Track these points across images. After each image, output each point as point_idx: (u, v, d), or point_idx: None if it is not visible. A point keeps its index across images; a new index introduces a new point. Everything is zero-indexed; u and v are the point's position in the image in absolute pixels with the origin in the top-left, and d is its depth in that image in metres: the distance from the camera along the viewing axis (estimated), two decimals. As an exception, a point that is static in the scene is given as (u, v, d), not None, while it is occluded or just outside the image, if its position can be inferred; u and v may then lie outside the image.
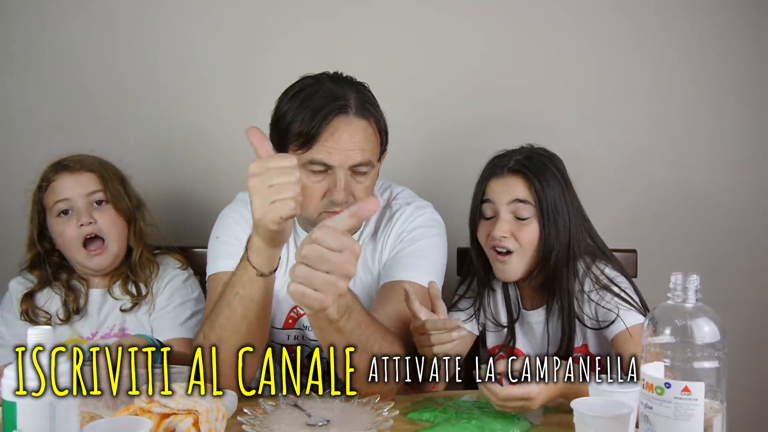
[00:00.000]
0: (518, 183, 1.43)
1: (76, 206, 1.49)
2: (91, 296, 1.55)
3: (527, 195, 1.42)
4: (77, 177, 1.51)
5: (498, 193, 1.44)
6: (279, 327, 1.45)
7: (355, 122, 1.28)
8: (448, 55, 1.92)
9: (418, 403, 1.21)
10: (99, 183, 1.52)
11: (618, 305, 1.38)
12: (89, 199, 1.50)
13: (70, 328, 1.52)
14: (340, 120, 1.27)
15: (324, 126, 1.25)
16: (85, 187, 1.50)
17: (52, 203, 1.50)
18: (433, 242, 1.41)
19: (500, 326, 1.51)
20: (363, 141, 1.29)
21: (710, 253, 1.92)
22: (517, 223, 1.42)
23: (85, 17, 1.88)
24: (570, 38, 1.92)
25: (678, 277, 0.87)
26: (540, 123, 1.88)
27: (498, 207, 1.43)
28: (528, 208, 1.42)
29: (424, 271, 1.36)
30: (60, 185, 1.50)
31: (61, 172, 1.51)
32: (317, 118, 1.25)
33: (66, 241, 1.49)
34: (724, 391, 0.86)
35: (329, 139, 1.26)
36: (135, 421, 0.88)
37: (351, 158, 1.28)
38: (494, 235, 1.41)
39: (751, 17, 1.92)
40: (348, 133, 1.27)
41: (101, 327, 1.53)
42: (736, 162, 1.93)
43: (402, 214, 1.43)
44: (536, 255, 1.41)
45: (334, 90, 1.29)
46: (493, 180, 1.46)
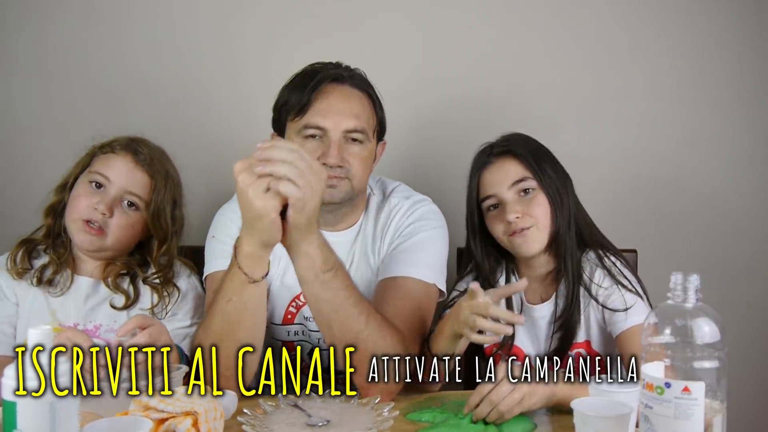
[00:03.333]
0: (511, 163, 1.43)
1: (108, 191, 1.39)
2: (78, 282, 1.42)
3: (524, 172, 1.41)
4: (134, 170, 1.41)
5: (495, 182, 1.43)
6: (278, 323, 1.45)
7: (349, 90, 1.33)
8: (448, 55, 1.92)
9: (418, 403, 1.21)
10: (148, 191, 1.42)
11: (626, 302, 1.36)
12: (125, 195, 1.40)
13: (51, 315, 1.40)
14: (335, 86, 1.32)
15: (317, 91, 1.30)
16: (132, 185, 1.40)
17: (96, 169, 1.41)
18: (431, 235, 1.41)
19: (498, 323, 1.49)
20: (358, 108, 1.33)
21: (710, 253, 1.92)
22: (525, 200, 1.41)
23: (86, 18, 1.88)
24: (570, 38, 1.92)
25: (678, 277, 0.87)
26: (540, 123, 1.88)
27: (500, 195, 1.42)
28: (529, 182, 1.41)
29: (423, 265, 1.36)
30: (115, 163, 1.41)
31: (128, 153, 1.42)
32: (311, 85, 1.30)
33: (74, 204, 1.39)
34: (725, 391, 0.86)
35: (323, 102, 1.30)
36: (135, 421, 0.88)
37: (344, 122, 1.31)
38: (508, 219, 1.39)
39: (750, 17, 1.92)
40: (342, 98, 1.31)
41: (86, 319, 1.41)
42: (736, 162, 1.94)
43: (401, 209, 1.44)
44: (552, 226, 1.40)
45: (332, 69, 1.35)
46: (485, 171, 1.45)
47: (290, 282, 1.43)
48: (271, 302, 1.44)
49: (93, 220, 1.38)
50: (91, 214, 1.38)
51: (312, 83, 1.30)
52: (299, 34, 1.89)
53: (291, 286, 1.43)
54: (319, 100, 1.30)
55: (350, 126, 1.32)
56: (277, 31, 1.90)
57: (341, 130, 1.31)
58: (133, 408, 0.95)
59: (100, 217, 1.38)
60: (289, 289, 1.43)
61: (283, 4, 1.90)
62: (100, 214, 1.38)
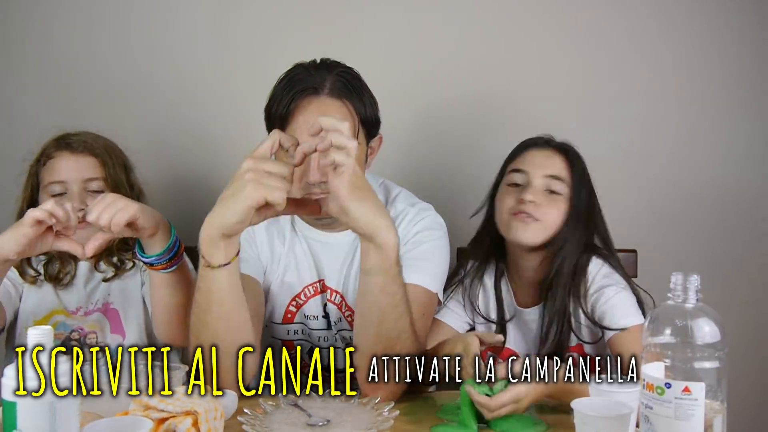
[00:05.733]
0: (558, 158, 1.42)
1: (71, 191, 1.42)
2: (79, 269, 1.50)
3: (565, 173, 1.40)
4: (78, 159, 1.44)
5: (535, 164, 1.41)
6: (278, 322, 1.45)
7: (327, 102, 1.29)
8: (448, 55, 1.92)
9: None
10: (100, 170, 1.44)
11: (613, 307, 1.36)
12: (86, 185, 1.43)
13: (57, 297, 1.47)
14: (311, 100, 1.28)
15: (293, 106, 1.27)
16: (84, 172, 1.43)
17: (47, 181, 1.43)
18: (437, 245, 1.41)
19: (490, 322, 1.49)
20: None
21: (710, 253, 1.92)
22: (549, 197, 1.39)
23: (86, 18, 1.89)
24: (570, 39, 1.92)
25: (678, 277, 0.87)
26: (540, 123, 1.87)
27: (532, 177, 1.40)
28: (562, 186, 1.40)
29: (427, 273, 1.35)
30: (58, 164, 1.43)
31: (63, 150, 1.44)
32: (287, 99, 1.28)
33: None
34: (725, 391, 0.86)
35: (299, 119, 1.27)
36: (135, 421, 0.88)
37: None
38: (525, 197, 1.37)
39: (750, 17, 1.92)
40: (318, 112, 1.26)
41: (87, 302, 1.48)
42: (736, 162, 1.93)
43: (406, 215, 1.43)
44: (555, 235, 1.39)
45: (312, 73, 1.31)
46: (532, 150, 1.43)
47: (291, 281, 1.43)
48: (271, 301, 1.44)
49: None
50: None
51: (288, 97, 1.28)
52: (297, 35, 1.89)
53: (291, 285, 1.43)
54: (295, 116, 1.28)
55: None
56: (276, 31, 1.90)
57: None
58: (133, 408, 0.95)
59: (80, 214, 1.38)
60: (290, 288, 1.43)
61: (281, 5, 1.90)
62: (79, 210, 1.38)
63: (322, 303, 1.44)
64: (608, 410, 0.92)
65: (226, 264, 1.10)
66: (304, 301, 1.43)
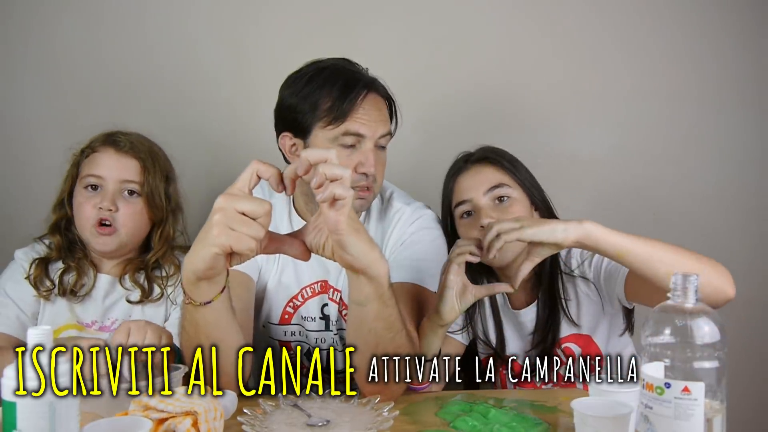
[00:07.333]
0: (489, 169, 1.41)
1: (106, 188, 1.43)
2: (99, 281, 1.47)
3: (502, 177, 1.39)
4: (120, 159, 1.44)
5: (471, 187, 1.40)
6: (275, 323, 1.46)
7: (380, 100, 1.37)
8: (449, 55, 1.92)
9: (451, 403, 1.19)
10: (140, 174, 1.44)
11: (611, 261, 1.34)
12: (122, 186, 1.43)
13: (71, 311, 1.44)
14: (370, 96, 1.34)
15: (358, 100, 1.32)
16: (123, 173, 1.43)
17: (86, 173, 1.44)
18: (434, 244, 1.41)
19: (490, 347, 1.47)
20: (386, 116, 1.38)
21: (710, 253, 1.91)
22: (500, 208, 1.38)
23: (86, 18, 1.88)
24: (570, 39, 1.93)
25: (678, 277, 0.87)
26: (540, 123, 1.88)
27: (475, 200, 1.39)
28: (506, 189, 1.38)
29: (427, 273, 1.36)
30: (101, 159, 1.44)
31: (109, 146, 1.45)
32: (352, 94, 1.31)
33: (80, 214, 1.43)
34: (724, 391, 0.86)
35: (361, 111, 1.32)
36: (135, 421, 0.88)
37: (379, 129, 1.34)
38: (482, 223, 1.35)
39: (750, 17, 1.92)
40: (376, 107, 1.35)
41: (104, 317, 1.45)
42: (736, 162, 1.93)
43: (403, 214, 1.44)
44: None
45: (358, 71, 1.38)
46: (461, 176, 1.42)
47: (287, 281, 1.43)
48: (267, 301, 1.44)
49: (102, 220, 1.42)
50: (98, 214, 1.42)
51: (352, 93, 1.31)
52: (300, 34, 1.89)
53: (288, 286, 1.43)
54: (357, 109, 1.31)
55: (384, 131, 1.35)
56: (279, 31, 1.90)
57: (376, 137, 1.33)
58: (133, 408, 0.95)
59: (107, 214, 1.42)
60: (286, 288, 1.43)
61: (285, 4, 1.90)
62: (107, 210, 1.42)
63: (321, 304, 1.44)
64: (608, 410, 0.92)
65: (209, 302, 1.04)
66: (301, 303, 1.44)
